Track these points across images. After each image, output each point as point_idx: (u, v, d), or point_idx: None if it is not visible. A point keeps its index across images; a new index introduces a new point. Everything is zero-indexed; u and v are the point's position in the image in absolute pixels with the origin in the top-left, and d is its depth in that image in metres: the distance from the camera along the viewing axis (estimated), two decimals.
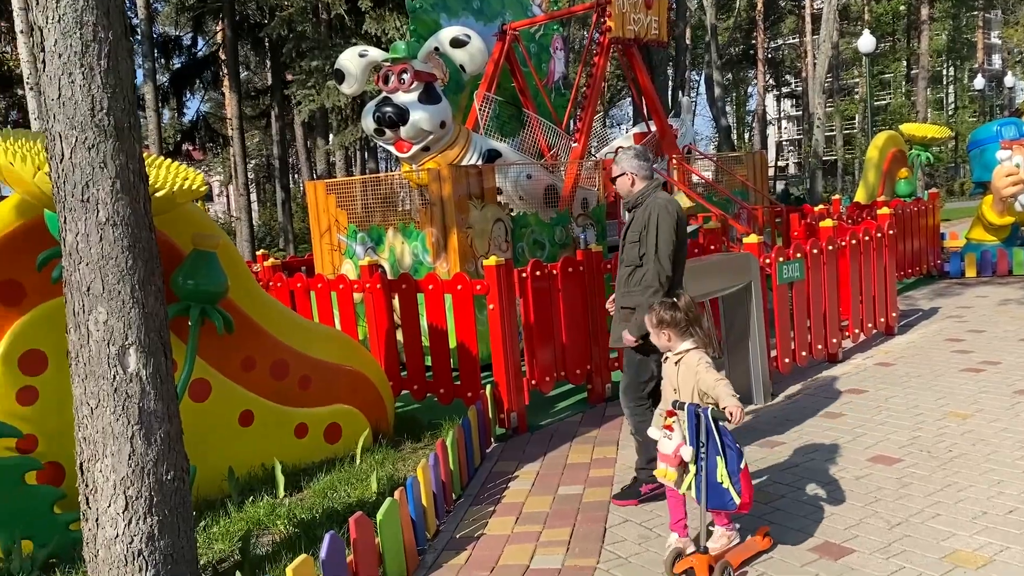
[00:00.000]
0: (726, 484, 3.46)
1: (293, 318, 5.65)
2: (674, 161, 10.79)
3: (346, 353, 5.74)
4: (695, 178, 11.14)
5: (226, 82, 23.90)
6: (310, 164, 27.39)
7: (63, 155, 3.15)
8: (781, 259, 6.53)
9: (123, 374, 3.21)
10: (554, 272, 6.36)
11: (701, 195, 10.63)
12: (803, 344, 6.84)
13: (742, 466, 3.48)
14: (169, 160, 4.60)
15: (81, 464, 3.28)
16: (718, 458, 3.48)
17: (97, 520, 3.25)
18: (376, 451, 5.47)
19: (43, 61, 3.14)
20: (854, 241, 7.44)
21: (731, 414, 3.46)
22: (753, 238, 6.51)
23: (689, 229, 9.72)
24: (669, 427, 3.65)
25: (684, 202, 9.92)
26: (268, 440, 5.12)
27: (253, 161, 42.00)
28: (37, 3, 3.09)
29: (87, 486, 3.27)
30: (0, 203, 4.46)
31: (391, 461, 5.32)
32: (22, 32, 11.45)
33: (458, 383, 6.41)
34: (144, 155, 3.52)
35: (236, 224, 24.10)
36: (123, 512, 3.22)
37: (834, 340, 7.17)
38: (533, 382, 6.25)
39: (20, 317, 4.32)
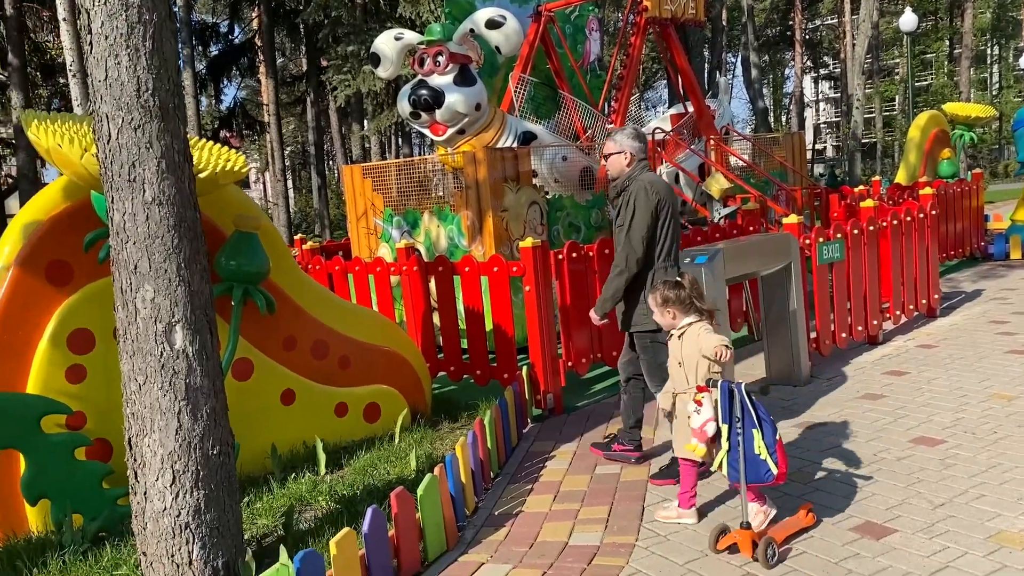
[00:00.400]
0: (764, 455, 3.51)
1: (332, 299, 5.71)
2: (712, 142, 10.68)
3: (384, 334, 5.79)
4: (733, 159, 11.03)
5: (262, 68, 24.12)
6: (345, 150, 27.57)
7: (110, 136, 3.21)
8: (821, 240, 6.45)
9: (170, 351, 3.27)
10: (590, 254, 6.36)
11: (739, 176, 10.53)
12: (843, 326, 6.77)
13: (777, 437, 3.55)
14: (211, 142, 4.67)
15: (129, 439, 3.36)
16: (754, 431, 3.52)
17: (145, 493, 3.32)
18: (414, 431, 5.52)
19: (90, 43, 3.19)
20: (895, 222, 7.32)
21: (719, 353, 3.60)
22: (793, 218, 6.44)
23: (727, 211, 9.68)
24: (699, 402, 3.66)
25: (722, 183, 9.83)
26: (309, 418, 5.19)
27: (288, 148, 42.34)
28: None
29: (135, 460, 3.35)
30: (48, 186, 4.57)
31: (429, 440, 5.37)
32: (64, 20, 11.63)
33: (494, 365, 6.44)
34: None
35: (273, 210, 24.35)
36: (171, 486, 3.29)
37: (875, 322, 7.07)
38: (569, 364, 6.26)
39: (68, 297, 4.41)
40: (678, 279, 3.97)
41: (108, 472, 4.23)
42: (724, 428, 3.58)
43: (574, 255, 6.24)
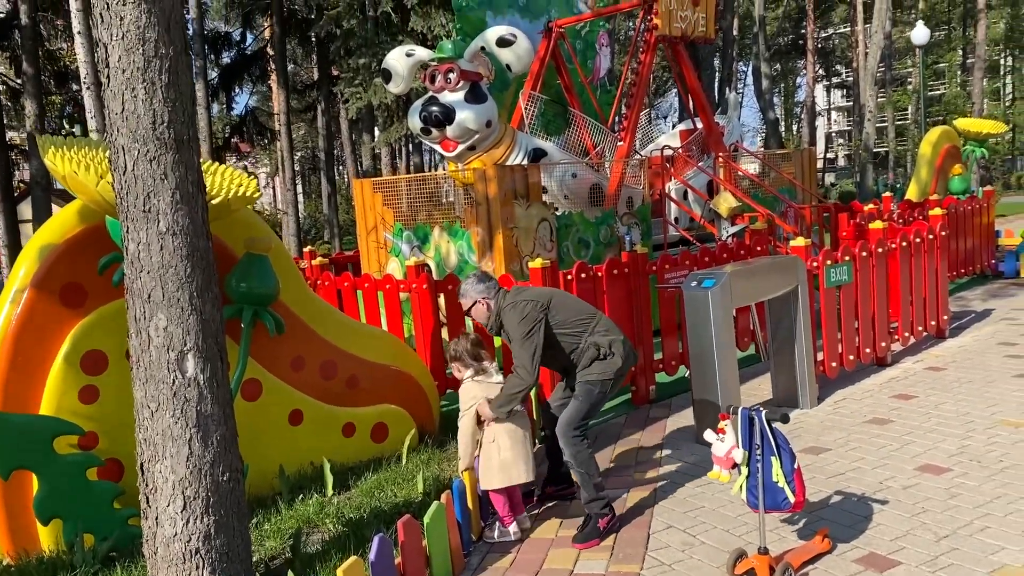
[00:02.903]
0: (781, 483, 3.57)
1: (341, 319, 5.76)
2: (720, 159, 10.70)
3: (392, 353, 5.83)
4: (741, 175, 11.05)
5: (274, 77, 24.25)
6: (355, 158, 27.67)
7: (126, 167, 3.26)
8: (829, 262, 6.46)
9: (182, 379, 3.32)
10: (599, 274, 6.38)
11: (747, 193, 10.54)
12: (850, 348, 6.77)
13: (796, 466, 3.61)
14: (224, 166, 4.72)
15: (142, 464, 3.40)
16: (773, 459, 3.57)
17: (157, 519, 3.37)
18: (422, 451, 5.55)
19: (107, 76, 3.24)
20: (904, 243, 7.32)
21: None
22: (800, 241, 6.45)
23: (735, 229, 9.69)
24: (722, 430, 3.70)
25: (730, 201, 9.84)
26: (317, 439, 5.23)
27: (299, 153, 42.51)
28: (102, 21, 3.19)
29: (147, 486, 3.39)
30: (63, 208, 4.63)
31: (436, 461, 5.40)
32: (79, 33, 11.74)
33: None
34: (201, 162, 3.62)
35: (282, 218, 24.48)
36: (181, 512, 3.33)
37: (883, 344, 7.07)
38: None
39: (82, 319, 4.47)
40: (464, 334, 4.59)
41: (119, 492, 4.27)
42: (744, 454, 3.63)
43: (583, 275, 6.26)
